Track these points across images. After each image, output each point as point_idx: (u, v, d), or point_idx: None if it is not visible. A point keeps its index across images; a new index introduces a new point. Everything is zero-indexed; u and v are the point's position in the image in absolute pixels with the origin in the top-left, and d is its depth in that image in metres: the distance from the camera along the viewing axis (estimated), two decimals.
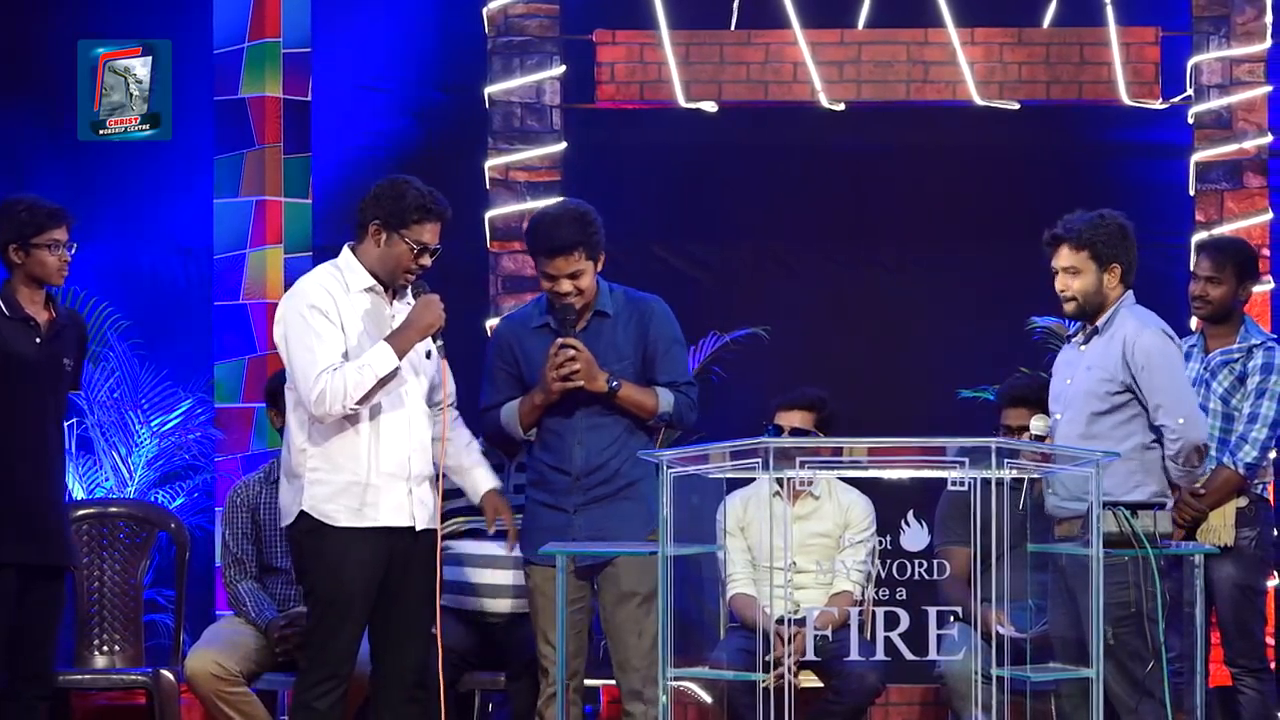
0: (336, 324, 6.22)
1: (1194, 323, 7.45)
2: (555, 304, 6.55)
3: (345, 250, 6.37)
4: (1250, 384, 7.10)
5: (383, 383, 6.18)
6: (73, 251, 6.91)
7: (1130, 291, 6.70)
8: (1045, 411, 6.85)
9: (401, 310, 6.35)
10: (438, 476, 6.41)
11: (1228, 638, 7.17)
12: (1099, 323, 6.65)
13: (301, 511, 6.25)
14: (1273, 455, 7.25)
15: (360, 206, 6.35)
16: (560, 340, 6.48)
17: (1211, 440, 6.91)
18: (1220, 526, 7.05)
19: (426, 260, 6.31)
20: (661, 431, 6.80)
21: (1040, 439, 6.58)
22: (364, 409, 6.21)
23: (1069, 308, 6.68)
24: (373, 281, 6.32)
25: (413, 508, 6.31)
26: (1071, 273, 6.63)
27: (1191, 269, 7.33)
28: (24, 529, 6.77)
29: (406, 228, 6.27)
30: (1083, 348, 6.69)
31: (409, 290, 6.36)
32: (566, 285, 6.50)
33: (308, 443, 6.26)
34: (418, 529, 6.32)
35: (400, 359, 6.21)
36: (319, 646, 6.27)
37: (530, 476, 6.69)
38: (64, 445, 7.03)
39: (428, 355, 6.38)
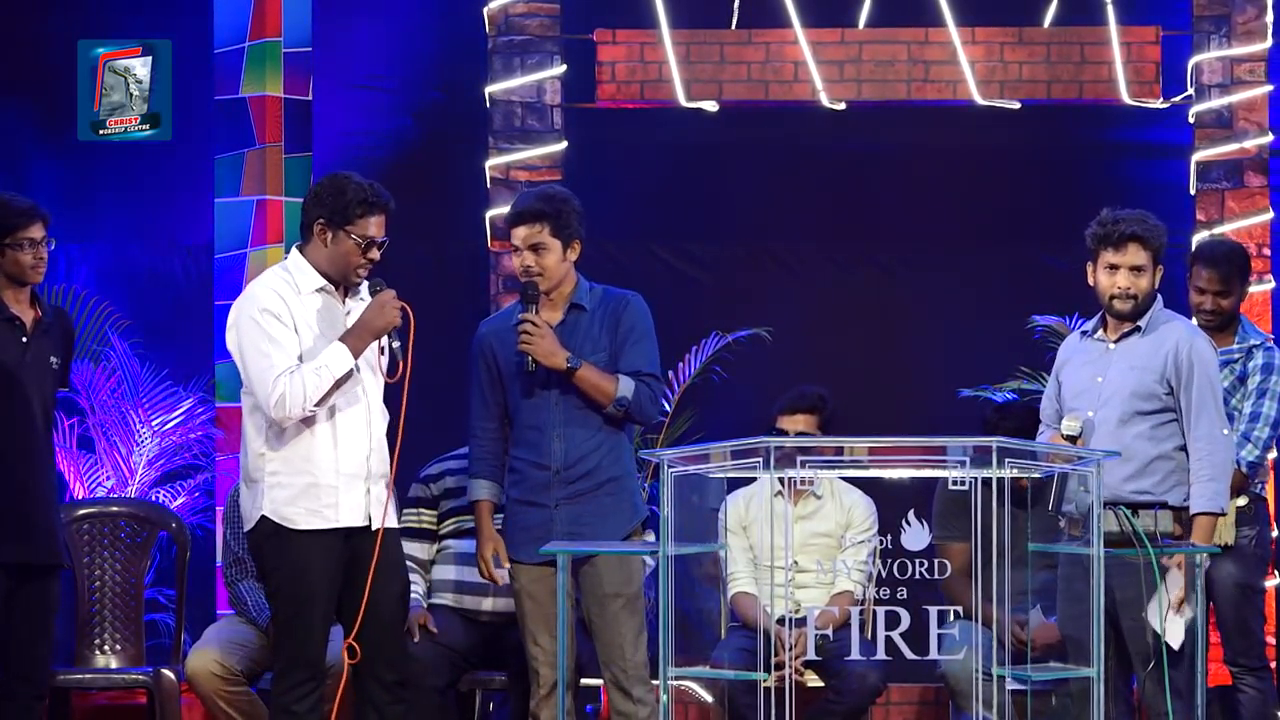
0: (290, 326, 6.19)
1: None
2: (521, 282, 6.55)
3: (294, 251, 6.33)
4: (1251, 384, 7.10)
5: (339, 384, 6.16)
6: (51, 248, 6.89)
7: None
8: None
9: (356, 308, 6.31)
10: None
11: (1227, 637, 7.16)
12: (1141, 322, 6.57)
13: (262, 516, 6.22)
14: (1273, 455, 7.24)
15: (304, 207, 6.32)
16: (520, 315, 6.47)
17: None
18: (1221, 525, 7.04)
19: (375, 254, 6.27)
20: (666, 430, 6.77)
21: (1072, 439, 6.42)
22: (321, 410, 6.19)
23: (1127, 306, 6.51)
24: (323, 281, 6.28)
25: (369, 507, 6.28)
26: (1138, 272, 6.51)
27: (1191, 279, 7.25)
28: (12, 528, 6.76)
29: (351, 223, 6.23)
30: (1112, 345, 6.60)
31: (365, 287, 6.33)
32: (528, 257, 6.49)
33: (265, 447, 6.23)
34: (374, 527, 6.29)
35: (356, 359, 6.19)
36: (293, 649, 6.23)
37: (509, 476, 6.63)
38: (53, 444, 7.02)
39: (390, 362, 6.32)
